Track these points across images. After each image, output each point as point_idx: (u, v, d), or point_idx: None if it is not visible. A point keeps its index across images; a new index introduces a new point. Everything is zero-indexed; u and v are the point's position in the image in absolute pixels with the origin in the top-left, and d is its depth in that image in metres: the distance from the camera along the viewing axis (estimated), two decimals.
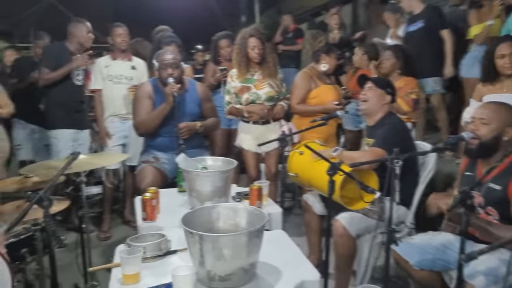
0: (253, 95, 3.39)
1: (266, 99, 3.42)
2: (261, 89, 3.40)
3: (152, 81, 3.24)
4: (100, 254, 3.39)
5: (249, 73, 3.39)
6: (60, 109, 3.66)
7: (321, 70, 3.64)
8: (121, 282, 1.57)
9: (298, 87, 3.64)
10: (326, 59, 3.62)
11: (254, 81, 3.41)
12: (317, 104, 3.58)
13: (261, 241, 1.56)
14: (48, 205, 1.71)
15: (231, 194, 2.47)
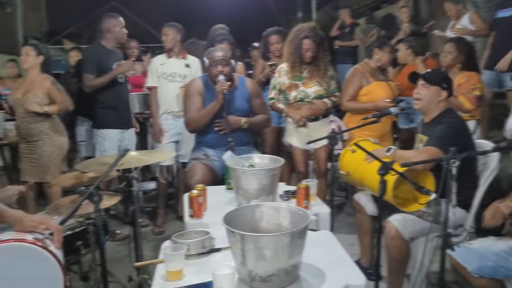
0: (301, 93, 3.34)
1: (315, 97, 3.36)
2: (310, 87, 3.35)
3: (202, 77, 3.27)
4: (154, 248, 3.49)
5: (298, 70, 3.34)
6: (107, 109, 3.74)
7: (374, 65, 3.51)
8: (165, 278, 1.58)
9: (348, 84, 3.55)
10: (379, 54, 3.49)
11: (303, 79, 3.36)
12: (368, 101, 3.46)
13: (304, 242, 1.52)
14: (98, 200, 1.77)
15: (279, 192, 2.44)
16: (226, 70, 3.05)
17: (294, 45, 3.33)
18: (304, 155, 3.55)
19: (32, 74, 3.61)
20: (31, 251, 1.55)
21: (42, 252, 1.56)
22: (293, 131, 3.49)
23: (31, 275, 1.54)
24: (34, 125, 3.53)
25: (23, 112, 3.53)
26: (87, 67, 3.66)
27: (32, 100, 3.49)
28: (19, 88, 3.62)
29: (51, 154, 3.58)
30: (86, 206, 1.92)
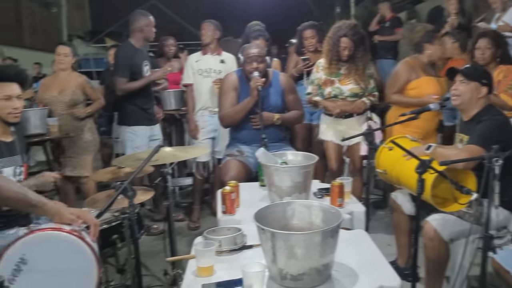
0: (336, 90, 3.29)
1: (350, 95, 3.31)
2: (345, 84, 3.30)
3: (238, 72, 3.27)
4: (188, 243, 3.52)
5: (336, 66, 3.29)
6: (137, 107, 3.74)
7: (426, 60, 3.39)
8: (196, 274, 1.59)
9: (397, 77, 3.45)
10: (430, 48, 3.36)
11: (340, 76, 3.31)
12: (414, 96, 3.35)
13: (336, 241, 1.49)
14: (132, 195, 1.80)
15: (313, 190, 2.41)
16: (261, 67, 3.04)
17: (332, 42, 3.29)
18: (337, 152, 3.50)
19: (64, 73, 3.72)
20: (67, 241, 1.59)
21: (78, 242, 1.60)
22: (327, 127, 3.44)
23: (66, 265, 1.58)
24: (71, 122, 3.65)
25: (61, 110, 3.65)
26: (120, 70, 3.64)
27: (70, 98, 3.60)
28: (52, 86, 3.73)
29: (87, 149, 3.69)
30: (121, 201, 1.96)
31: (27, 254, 1.53)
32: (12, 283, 1.53)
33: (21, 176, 2.30)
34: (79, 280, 1.59)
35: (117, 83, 3.62)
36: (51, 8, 15.11)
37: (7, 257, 1.53)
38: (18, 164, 2.29)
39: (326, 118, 3.45)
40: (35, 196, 1.69)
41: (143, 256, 2.72)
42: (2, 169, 2.18)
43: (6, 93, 2.16)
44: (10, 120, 2.21)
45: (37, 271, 1.55)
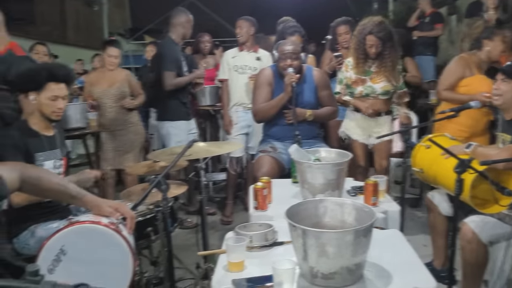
0: (368, 89, 3.23)
1: (382, 93, 3.25)
2: (377, 82, 3.23)
3: (273, 67, 3.25)
4: (221, 237, 3.54)
5: (366, 65, 3.23)
6: (178, 102, 3.83)
7: (484, 57, 3.26)
8: (226, 268, 1.60)
9: (450, 72, 3.31)
10: (489, 45, 3.19)
11: (370, 74, 3.24)
12: (465, 93, 3.20)
13: (369, 240, 1.46)
14: (165, 189, 1.83)
15: (346, 188, 2.37)
16: (295, 63, 3.02)
17: (358, 41, 3.23)
18: (364, 150, 3.45)
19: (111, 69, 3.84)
20: (104, 234, 1.63)
21: (115, 235, 1.64)
22: (353, 124, 3.39)
23: (103, 256, 1.62)
24: (120, 116, 3.75)
25: (111, 102, 3.75)
26: (168, 65, 3.71)
27: (121, 90, 3.71)
28: (101, 80, 3.84)
29: (134, 142, 3.80)
30: (156, 194, 1.99)
31: (66, 245, 1.58)
32: (51, 273, 1.58)
33: (60, 169, 2.38)
34: (115, 271, 1.62)
35: (166, 78, 3.69)
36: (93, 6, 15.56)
37: (48, 247, 1.58)
38: (58, 158, 2.37)
39: (351, 114, 3.39)
40: (75, 188, 1.74)
41: (176, 249, 2.77)
42: (44, 162, 2.27)
43: (53, 94, 2.24)
44: (53, 118, 2.30)
45: (76, 262, 1.60)
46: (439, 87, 3.34)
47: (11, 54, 2.74)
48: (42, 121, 2.30)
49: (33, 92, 2.23)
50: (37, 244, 2.03)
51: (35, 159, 2.22)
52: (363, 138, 3.39)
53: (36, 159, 2.23)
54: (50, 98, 2.23)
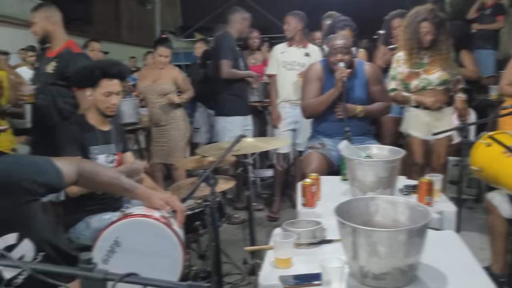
0: (423, 81, 3.09)
1: (439, 83, 3.10)
2: (432, 73, 3.08)
3: (322, 62, 3.19)
4: (268, 233, 3.53)
5: (418, 57, 3.09)
6: (235, 97, 3.92)
7: None
8: (273, 265, 1.58)
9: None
10: None
11: (424, 66, 3.10)
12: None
13: (423, 241, 1.39)
14: (213, 184, 1.83)
15: (398, 186, 2.29)
16: (346, 58, 2.94)
17: (411, 30, 3.10)
18: (423, 146, 3.31)
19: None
20: (155, 227, 1.66)
21: (165, 229, 1.66)
22: (414, 120, 3.25)
23: (155, 249, 1.65)
24: (164, 111, 3.82)
25: (153, 99, 3.83)
26: (224, 53, 3.81)
27: (162, 87, 3.77)
28: (147, 76, 3.94)
29: (177, 137, 3.86)
30: (204, 189, 2.00)
31: (120, 237, 1.62)
32: (106, 263, 1.63)
33: (113, 164, 2.45)
34: (166, 264, 1.65)
35: (223, 66, 3.78)
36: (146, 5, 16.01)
37: (103, 238, 1.64)
38: (111, 152, 2.44)
39: (413, 111, 3.26)
40: (128, 180, 1.78)
41: (223, 244, 2.78)
42: (97, 156, 2.34)
43: (108, 90, 2.32)
44: (107, 113, 2.38)
45: (129, 253, 1.64)
46: (502, 82, 3.15)
47: (68, 52, 2.86)
48: (98, 116, 2.38)
49: (89, 88, 2.31)
50: (91, 234, 2.11)
51: (89, 152, 2.30)
52: (425, 134, 3.24)
53: (90, 152, 2.31)
54: (104, 94, 2.32)
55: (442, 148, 3.27)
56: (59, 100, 2.85)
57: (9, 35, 7.65)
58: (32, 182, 1.35)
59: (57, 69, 2.83)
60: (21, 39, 5.84)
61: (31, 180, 1.35)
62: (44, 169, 1.44)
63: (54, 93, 2.86)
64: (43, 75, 2.90)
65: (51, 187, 1.45)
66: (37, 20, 2.88)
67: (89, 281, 0.95)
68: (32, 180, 1.35)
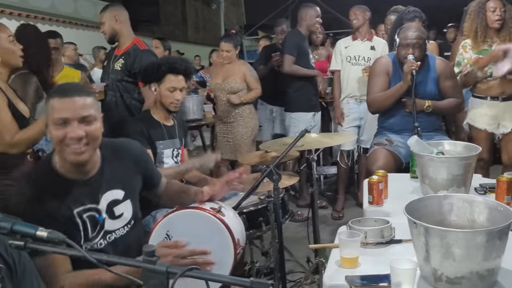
0: (492, 68, 2.88)
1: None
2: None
3: (391, 55, 3.05)
4: (332, 232, 3.47)
5: (486, 43, 2.90)
6: (302, 94, 3.90)
7: None
8: (339, 264, 1.52)
9: None
10: None
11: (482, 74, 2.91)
12: None
13: (505, 244, 1.27)
14: (277, 179, 1.80)
15: (474, 185, 2.13)
16: (417, 52, 2.79)
17: (477, 11, 2.98)
18: (489, 140, 3.11)
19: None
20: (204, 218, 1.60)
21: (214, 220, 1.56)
22: (480, 112, 3.05)
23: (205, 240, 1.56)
24: (232, 108, 3.84)
25: (223, 96, 3.86)
26: (288, 48, 3.89)
27: (231, 86, 3.79)
28: (218, 74, 3.97)
29: (244, 134, 3.86)
30: (267, 185, 1.98)
31: (171, 230, 1.60)
32: None
33: (178, 158, 2.50)
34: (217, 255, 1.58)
35: (285, 61, 3.88)
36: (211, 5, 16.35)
37: (155, 232, 1.62)
38: (176, 147, 2.49)
39: (476, 101, 3.06)
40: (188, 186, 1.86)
41: (286, 241, 2.75)
42: (163, 150, 2.40)
43: (172, 85, 2.37)
44: (171, 109, 2.43)
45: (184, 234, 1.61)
46: None
47: (135, 49, 2.95)
48: (162, 111, 2.44)
49: (155, 83, 2.37)
50: None
51: (156, 147, 2.36)
52: (491, 127, 3.07)
53: (156, 147, 2.37)
54: (169, 89, 2.36)
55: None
56: (127, 96, 2.95)
57: (89, 37, 8.09)
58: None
59: (124, 66, 2.94)
60: (98, 42, 6.14)
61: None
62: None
63: (121, 90, 2.96)
64: (112, 72, 3.02)
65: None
66: (105, 20, 3.00)
67: (152, 274, 0.95)
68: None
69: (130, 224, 1.64)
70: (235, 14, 21.11)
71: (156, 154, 2.38)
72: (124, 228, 1.62)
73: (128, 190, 1.65)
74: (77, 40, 5.75)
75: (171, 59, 2.52)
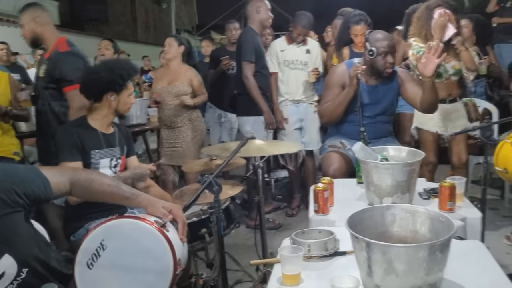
0: (440, 68, 2.97)
1: (454, 73, 3.06)
2: (448, 62, 3.02)
3: (349, 63, 2.96)
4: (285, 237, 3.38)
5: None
6: (247, 97, 3.72)
7: None
8: (281, 281, 1.45)
9: None
10: None
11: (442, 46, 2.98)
12: None
13: (446, 256, 1.25)
14: (217, 190, 1.71)
15: (418, 190, 2.13)
16: (392, 59, 2.78)
17: (424, 17, 3.03)
18: (436, 143, 3.18)
19: (174, 64, 3.72)
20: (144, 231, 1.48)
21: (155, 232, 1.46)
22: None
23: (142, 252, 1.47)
24: (179, 113, 3.68)
25: (169, 101, 3.69)
26: (247, 54, 3.63)
27: (178, 89, 3.64)
28: (163, 77, 3.78)
29: (193, 139, 3.72)
30: (210, 195, 1.88)
31: (106, 239, 1.48)
32: (90, 268, 1.48)
33: (117, 168, 2.35)
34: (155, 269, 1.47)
35: (245, 69, 3.62)
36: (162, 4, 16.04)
37: (88, 240, 1.49)
38: (115, 156, 2.35)
39: None
40: (128, 188, 1.67)
41: (236, 249, 2.68)
42: (99, 160, 2.25)
43: (131, 90, 2.35)
44: (126, 113, 2.39)
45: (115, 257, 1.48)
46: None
47: (56, 53, 2.76)
48: (104, 118, 2.30)
49: (113, 92, 2.26)
50: None
51: (90, 157, 2.21)
52: (441, 129, 3.14)
53: (92, 157, 2.22)
54: (129, 95, 2.32)
55: (461, 145, 3.14)
56: (54, 104, 2.75)
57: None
58: (10, 192, 1.28)
59: (47, 72, 2.75)
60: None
61: (9, 190, 1.28)
62: (26, 179, 1.36)
63: (48, 97, 2.77)
64: (38, 79, 2.84)
65: (35, 197, 1.37)
66: (24, 22, 2.78)
67: None
68: (10, 190, 1.29)
69: (21, 275, 1.35)
70: (187, 13, 20.81)
71: (91, 164, 2.23)
72: (13, 283, 1.34)
73: (2, 244, 1.31)
74: (13, 39, 5.41)
75: (126, 65, 2.36)
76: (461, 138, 3.16)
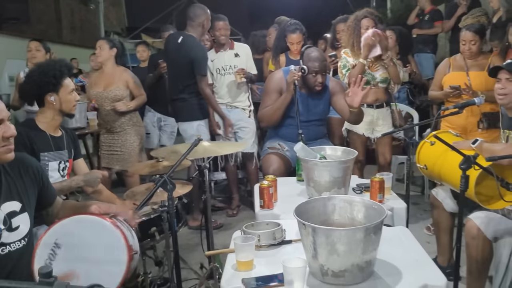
0: (368, 76, 3.30)
1: (381, 80, 3.37)
2: (375, 70, 3.34)
3: (285, 70, 3.15)
4: (226, 236, 3.49)
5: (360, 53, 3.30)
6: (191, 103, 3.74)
7: None
8: (235, 268, 1.59)
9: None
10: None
11: (367, 62, 3.30)
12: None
13: (379, 238, 1.45)
14: (171, 189, 1.81)
15: (351, 185, 2.37)
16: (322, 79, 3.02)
17: (353, 27, 3.35)
18: (364, 144, 3.51)
19: (108, 67, 3.65)
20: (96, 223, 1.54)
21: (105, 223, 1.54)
22: None
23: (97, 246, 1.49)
24: (117, 118, 3.63)
25: (106, 106, 3.62)
26: (202, 69, 3.64)
27: (115, 93, 3.59)
28: (98, 82, 3.70)
29: (133, 143, 3.66)
30: (160, 194, 1.96)
31: (59, 238, 1.51)
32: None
33: (65, 171, 2.36)
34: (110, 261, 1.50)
35: (202, 83, 3.64)
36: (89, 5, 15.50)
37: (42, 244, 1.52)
38: (63, 159, 2.35)
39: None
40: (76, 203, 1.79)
41: (180, 249, 2.74)
42: (48, 163, 2.25)
43: (71, 87, 2.32)
44: (72, 111, 2.36)
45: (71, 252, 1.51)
46: (430, 87, 3.44)
47: None
48: (51, 121, 2.29)
49: (52, 92, 2.25)
50: None
51: (40, 159, 2.21)
52: (368, 132, 3.45)
53: (41, 159, 2.21)
54: (69, 92, 2.30)
55: (386, 146, 3.48)
56: None
57: None
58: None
59: None
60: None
61: None
62: None
63: None
64: None
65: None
66: None
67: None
68: None
69: (26, 239, 1.61)
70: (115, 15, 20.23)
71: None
72: (21, 241, 1.60)
73: (26, 203, 1.63)
74: None
75: (58, 63, 2.34)
76: (386, 141, 3.50)
